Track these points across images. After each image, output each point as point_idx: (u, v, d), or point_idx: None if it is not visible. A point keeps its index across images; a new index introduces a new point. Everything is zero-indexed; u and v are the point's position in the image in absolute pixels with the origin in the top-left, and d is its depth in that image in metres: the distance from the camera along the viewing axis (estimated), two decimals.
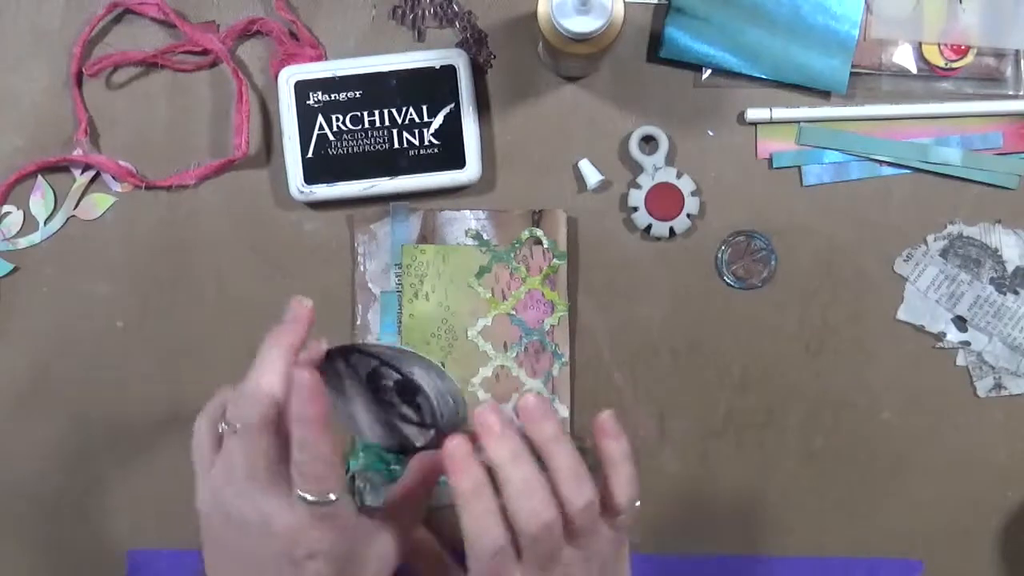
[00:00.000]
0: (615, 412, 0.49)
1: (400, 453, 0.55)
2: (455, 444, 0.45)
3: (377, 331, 0.62)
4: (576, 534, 0.46)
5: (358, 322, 0.62)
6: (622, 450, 0.48)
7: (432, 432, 0.53)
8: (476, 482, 0.45)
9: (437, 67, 0.61)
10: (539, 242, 0.62)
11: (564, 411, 0.62)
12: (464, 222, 0.62)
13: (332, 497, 0.45)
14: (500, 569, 0.46)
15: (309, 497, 0.44)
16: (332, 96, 0.61)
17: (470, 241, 0.62)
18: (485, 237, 0.62)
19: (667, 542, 0.63)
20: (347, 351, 0.52)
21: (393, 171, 0.61)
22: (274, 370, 0.47)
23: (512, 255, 0.62)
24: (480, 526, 0.45)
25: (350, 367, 0.52)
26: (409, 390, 0.53)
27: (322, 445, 0.44)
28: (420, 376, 0.52)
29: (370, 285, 0.62)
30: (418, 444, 0.54)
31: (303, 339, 0.49)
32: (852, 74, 0.62)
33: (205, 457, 0.48)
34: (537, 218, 0.62)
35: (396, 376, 0.52)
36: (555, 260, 0.62)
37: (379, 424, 0.54)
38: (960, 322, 0.63)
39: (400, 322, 0.62)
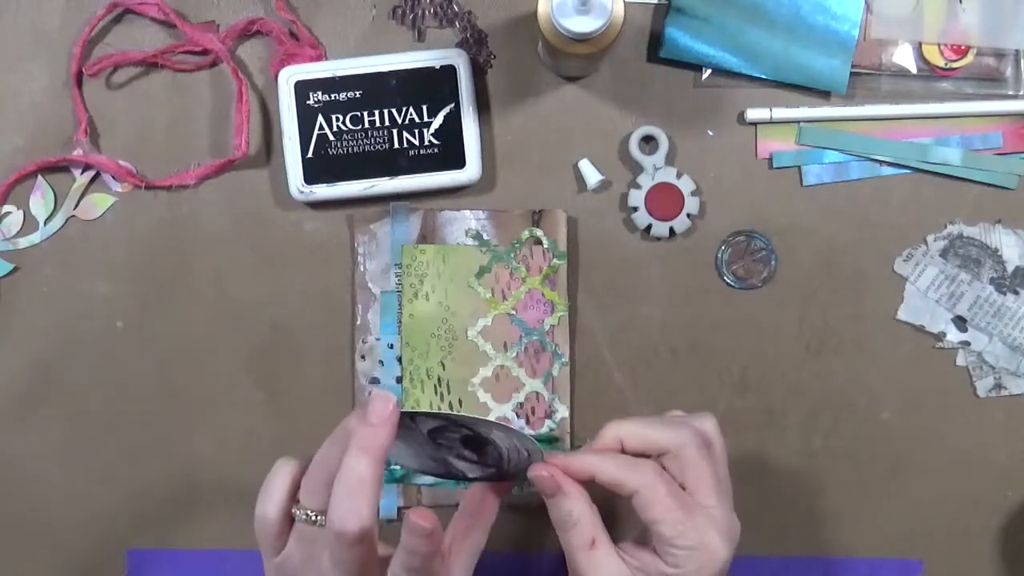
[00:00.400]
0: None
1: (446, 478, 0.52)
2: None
3: (377, 331, 0.62)
4: None
5: (358, 322, 0.62)
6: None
7: (492, 470, 0.50)
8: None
9: (437, 67, 0.61)
10: (539, 242, 0.62)
11: (564, 411, 0.62)
12: (464, 222, 0.62)
13: None
14: None
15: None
16: (332, 96, 0.61)
17: (470, 241, 0.62)
18: (485, 237, 0.62)
19: None
20: (424, 415, 0.48)
21: (393, 171, 0.61)
22: (368, 488, 0.43)
23: (512, 255, 0.62)
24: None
25: (414, 423, 0.48)
26: (477, 442, 0.49)
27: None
28: (497, 437, 0.48)
29: (370, 285, 0.62)
30: (470, 476, 0.51)
31: (391, 441, 0.45)
32: (852, 74, 0.62)
33: (272, 537, 0.46)
34: (537, 218, 0.62)
35: (466, 431, 0.48)
36: (555, 260, 0.62)
37: (428, 458, 0.50)
38: (960, 322, 0.63)
39: (400, 322, 0.62)
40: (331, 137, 0.61)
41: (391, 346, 0.62)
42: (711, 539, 0.46)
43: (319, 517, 0.45)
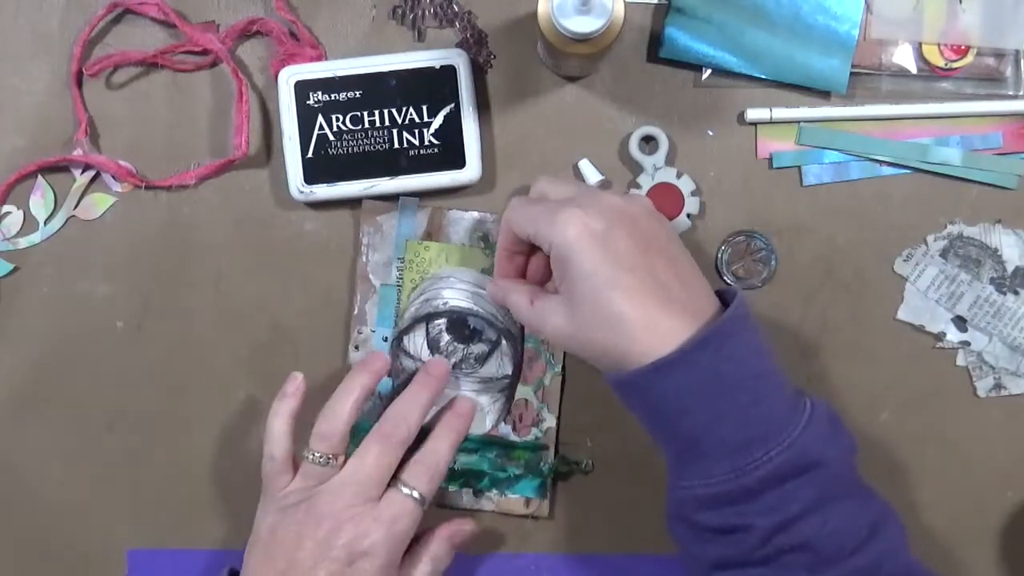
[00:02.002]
0: None
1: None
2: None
3: (373, 322, 0.62)
4: None
5: (355, 311, 0.62)
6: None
7: (492, 335, 0.62)
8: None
9: (437, 67, 0.61)
10: None
11: (551, 420, 0.62)
12: (471, 223, 0.62)
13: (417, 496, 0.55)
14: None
15: (415, 494, 0.54)
16: (332, 96, 0.61)
17: (475, 242, 0.62)
18: (491, 240, 0.62)
19: (667, 542, 0.63)
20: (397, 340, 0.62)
21: (393, 171, 0.61)
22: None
23: None
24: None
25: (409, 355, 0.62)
26: (458, 324, 0.62)
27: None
28: (453, 297, 0.62)
29: (371, 276, 0.62)
30: (477, 361, 0.62)
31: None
32: (852, 74, 0.62)
33: (277, 475, 0.56)
34: None
35: (443, 319, 0.62)
36: None
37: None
38: (960, 322, 0.63)
39: (397, 316, 0.62)
40: (331, 137, 0.61)
41: (385, 339, 0.62)
42: (562, 215, 0.50)
43: (331, 460, 0.54)
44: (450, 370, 0.60)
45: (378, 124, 0.61)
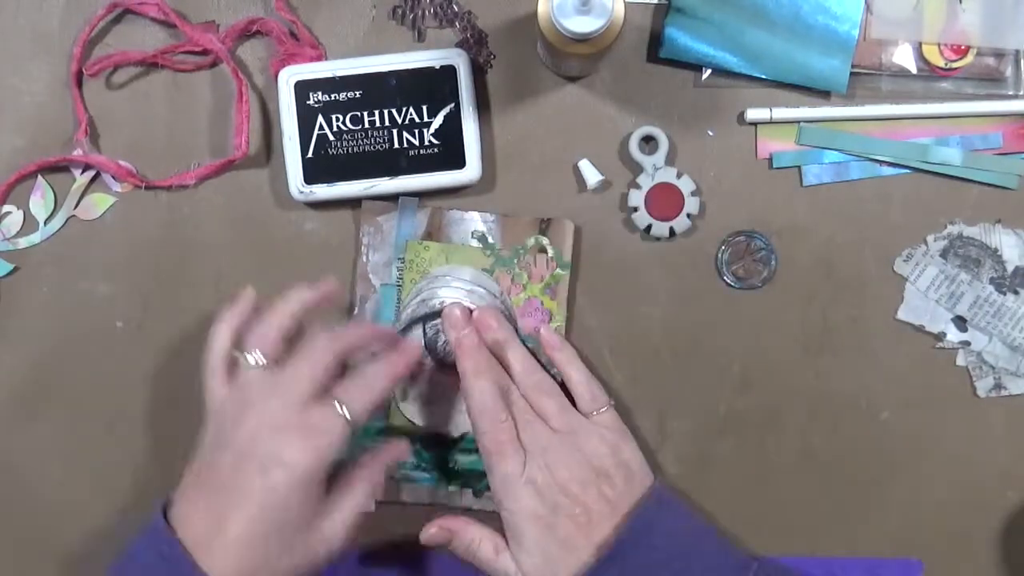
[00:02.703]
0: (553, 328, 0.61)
1: None
2: (464, 335, 0.59)
3: (373, 322, 0.62)
4: (546, 415, 0.57)
5: (355, 311, 0.62)
6: (566, 357, 0.60)
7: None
8: (479, 364, 0.57)
9: (437, 67, 0.61)
10: (544, 250, 0.62)
11: None
12: (471, 223, 0.62)
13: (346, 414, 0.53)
14: (502, 435, 0.56)
15: (345, 412, 0.53)
16: (332, 96, 0.61)
17: (475, 242, 0.62)
18: (490, 240, 0.62)
19: None
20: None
21: (393, 171, 0.61)
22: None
23: (515, 261, 0.62)
24: (485, 398, 0.56)
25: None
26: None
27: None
28: (450, 296, 0.62)
29: (371, 276, 0.62)
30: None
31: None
32: (852, 74, 0.62)
33: (218, 383, 0.55)
34: (544, 226, 0.62)
35: (437, 321, 0.62)
36: (558, 270, 0.62)
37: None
38: (960, 322, 0.63)
39: (397, 316, 0.62)
40: (331, 137, 0.61)
41: None
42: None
43: (262, 361, 0.54)
44: (420, 352, 0.60)
45: (378, 124, 0.61)
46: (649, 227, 0.62)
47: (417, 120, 0.61)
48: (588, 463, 0.56)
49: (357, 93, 0.61)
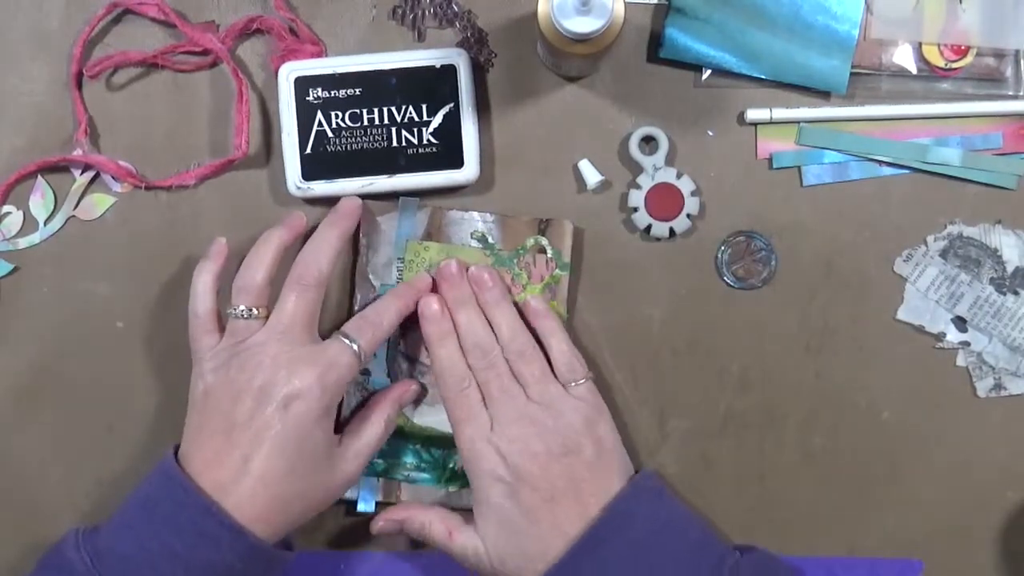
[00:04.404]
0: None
1: None
2: (427, 301, 0.59)
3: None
4: (526, 382, 0.57)
5: (355, 311, 0.62)
6: (550, 326, 0.59)
7: None
8: (443, 330, 0.58)
9: (437, 66, 0.61)
10: (543, 251, 0.62)
11: None
12: (471, 223, 0.62)
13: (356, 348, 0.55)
14: (466, 401, 0.57)
15: (353, 345, 0.55)
16: (332, 93, 0.61)
17: (475, 243, 0.62)
18: (490, 240, 0.62)
19: None
20: None
21: (391, 169, 0.61)
22: (331, 250, 0.58)
23: (515, 261, 0.62)
24: (447, 364, 0.58)
25: None
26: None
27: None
28: None
29: (371, 276, 0.62)
30: None
31: (353, 226, 0.61)
32: (852, 74, 0.62)
33: (204, 333, 0.57)
34: (544, 227, 0.62)
35: None
36: (558, 271, 0.62)
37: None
38: (960, 322, 0.63)
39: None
40: (330, 134, 0.61)
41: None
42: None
43: (253, 311, 0.56)
44: (360, 205, 0.60)
45: (377, 122, 0.61)
46: (649, 227, 0.62)
47: (416, 119, 0.61)
48: (559, 435, 0.56)
49: (357, 90, 0.61)
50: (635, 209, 0.62)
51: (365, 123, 0.61)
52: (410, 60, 0.61)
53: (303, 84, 0.61)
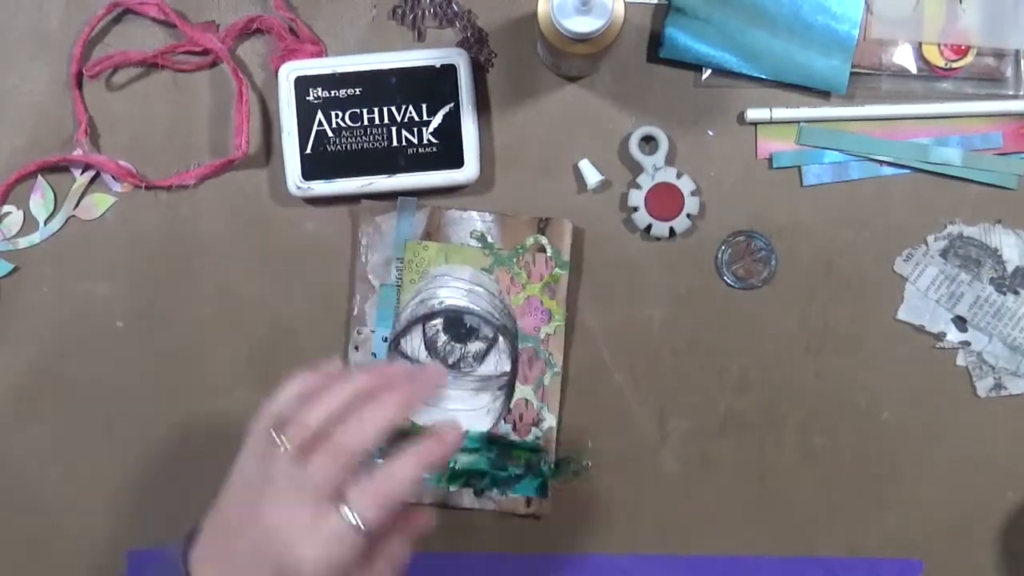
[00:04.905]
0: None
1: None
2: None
3: (372, 323, 0.62)
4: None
5: (354, 312, 0.62)
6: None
7: (490, 332, 0.62)
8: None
9: (437, 66, 0.61)
10: (543, 250, 0.62)
11: (551, 420, 0.62)
12: (470, 223, 0.62)
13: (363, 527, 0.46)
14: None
15: (357, 521, 0.46)
16: (332, 93, 0.61)
17: (474, 242, 0.62)
18: (489, 240, 0.62)
19: (667, 542, 0.63)
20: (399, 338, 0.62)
21: (391, 169, 0.61)
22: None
23: (515, 260, 0.62)
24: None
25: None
26: (454, 322, 0.62)
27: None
28: (449, 296, 0.62)
29: (370, 277, 0.62)
30: (473, 359, 0.63)
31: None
32: (852, 74, 0.62)
33: (262, 441, 0.48)
34: (543, 226, 0.62)
35: (436, 321, 0.62)
36: (557, 269, 0.62)
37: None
38: (960, 322, 0.63)
39: (396, 316, 0.62)
40: (330, 133, 0.61)
41: (385, 340, 0.62)
42: None
43: (293, 452, 0.46)
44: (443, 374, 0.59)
45: (377, 122, 0.61)
46: (649, 227, 0.62)
47: (416, 119, 0.61)
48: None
49: (357, 90, 0.61)
50: (635, 209, 0.62)
51: (365, 123, 0.61)
52: (410, 60, 0.61)
53: (303, 84, 0.61)
